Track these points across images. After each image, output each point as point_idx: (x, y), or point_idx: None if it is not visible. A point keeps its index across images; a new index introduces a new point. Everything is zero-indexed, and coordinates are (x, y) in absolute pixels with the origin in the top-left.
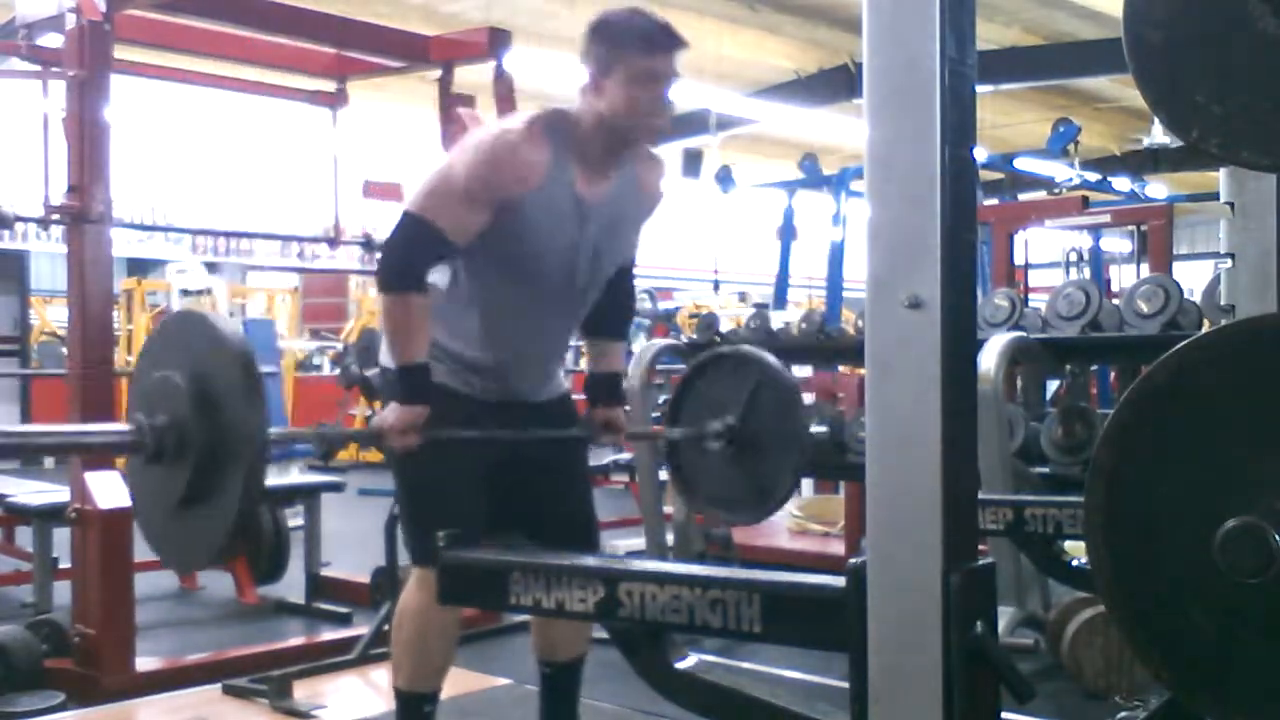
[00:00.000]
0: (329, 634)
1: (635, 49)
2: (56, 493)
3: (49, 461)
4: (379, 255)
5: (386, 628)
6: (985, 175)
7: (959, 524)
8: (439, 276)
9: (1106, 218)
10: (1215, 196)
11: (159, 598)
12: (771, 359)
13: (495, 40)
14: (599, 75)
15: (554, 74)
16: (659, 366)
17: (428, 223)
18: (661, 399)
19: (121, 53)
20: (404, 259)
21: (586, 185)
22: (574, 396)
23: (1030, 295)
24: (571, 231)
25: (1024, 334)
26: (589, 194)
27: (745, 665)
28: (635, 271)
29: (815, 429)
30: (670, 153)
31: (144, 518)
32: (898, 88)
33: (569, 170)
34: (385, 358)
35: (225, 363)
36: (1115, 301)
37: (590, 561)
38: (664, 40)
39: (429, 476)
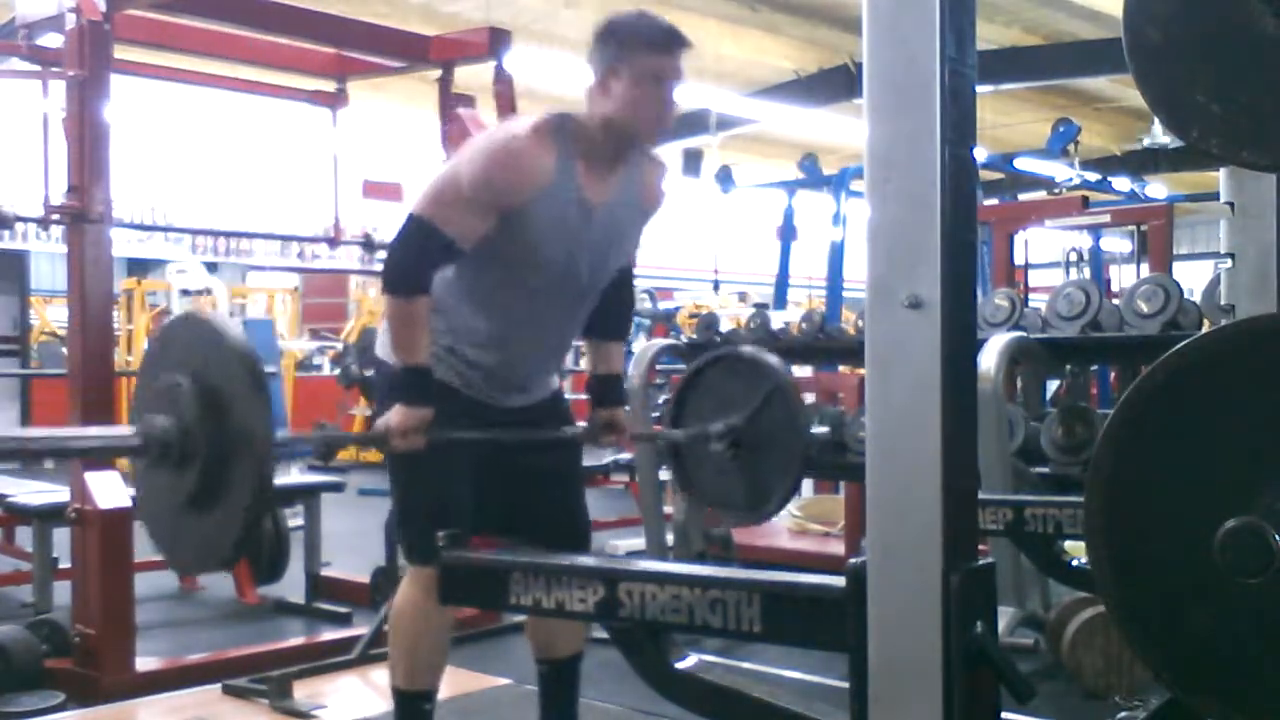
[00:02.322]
0: (329, 634)
1: (642, 50)
2: (56, 493)
3: (49, 461)
4: (384, 257)
5: (386, 628)
6: (985, 175)
7: (959, 524)
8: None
9: (1106, 218)
10: (1215, 196)
11: (159, 598)
12: (774, 360)
13: (495, 40)
14: (606, 76)
15: (554, 74)
16: (659, 366)
17: (434, 227)
18: (661, 399)
19: (121, 53)
20: (409, 262)
21: (591, 187)
22: (572, 397)
23: (1030, 295)
24: (575, 234)
25: (1024, 334)
26: (593, 195)
27: (745, 665)
28: (635, 272)
29: (816, 429)
30: (670, 153)
31: (151, 520)
32: (898, 88)
33: (574, 173)
34: (382, 350)
35: (230, 365)
36: (1115, 301)
37: (590, 561)
38: (670, 41)
39: (423, 475)
